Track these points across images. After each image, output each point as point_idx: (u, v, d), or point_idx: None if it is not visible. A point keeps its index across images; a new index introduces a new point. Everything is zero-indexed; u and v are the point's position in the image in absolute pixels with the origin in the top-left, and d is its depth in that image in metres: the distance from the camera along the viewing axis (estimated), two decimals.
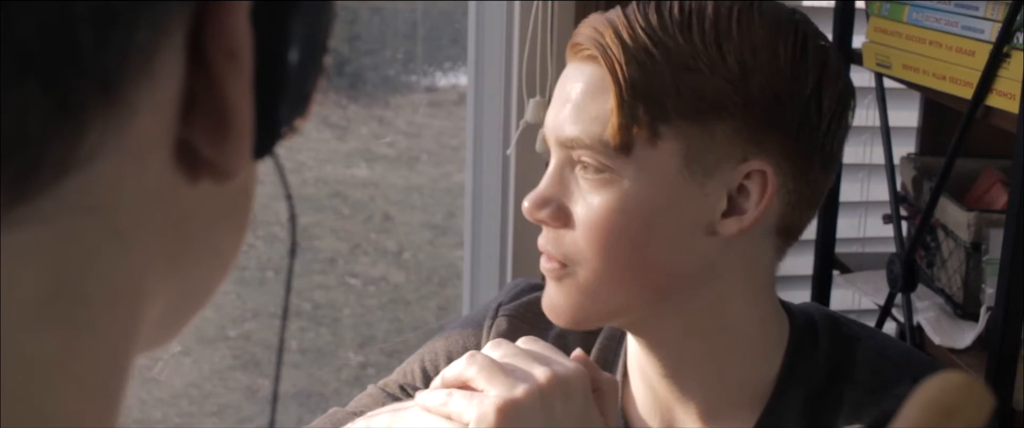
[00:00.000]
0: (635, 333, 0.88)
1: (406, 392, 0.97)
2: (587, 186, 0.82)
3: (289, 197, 0.38)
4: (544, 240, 0.85)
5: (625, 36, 0.80)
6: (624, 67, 0.79)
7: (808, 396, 0.86)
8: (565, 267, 0.84)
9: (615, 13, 0.83)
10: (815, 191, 0.84)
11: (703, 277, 0.83)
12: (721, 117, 0.79)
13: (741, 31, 0.80)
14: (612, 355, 0.95)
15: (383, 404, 0.93)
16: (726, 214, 0.81)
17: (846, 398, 0.85)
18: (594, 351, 0.95)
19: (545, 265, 0.86)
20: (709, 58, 0.79)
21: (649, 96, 0.79)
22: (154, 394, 2.81)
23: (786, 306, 0.91)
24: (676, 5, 0.81)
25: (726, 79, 0.79)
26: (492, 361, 0.75)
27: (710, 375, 0.87)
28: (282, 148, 0.35)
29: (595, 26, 0.83)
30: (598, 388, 0.79)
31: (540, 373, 0.74)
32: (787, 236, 0.86)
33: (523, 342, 0.80)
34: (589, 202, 0.82)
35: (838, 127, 0.84)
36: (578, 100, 0.82)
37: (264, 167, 0.36)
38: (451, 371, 0.76)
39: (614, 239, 0.81)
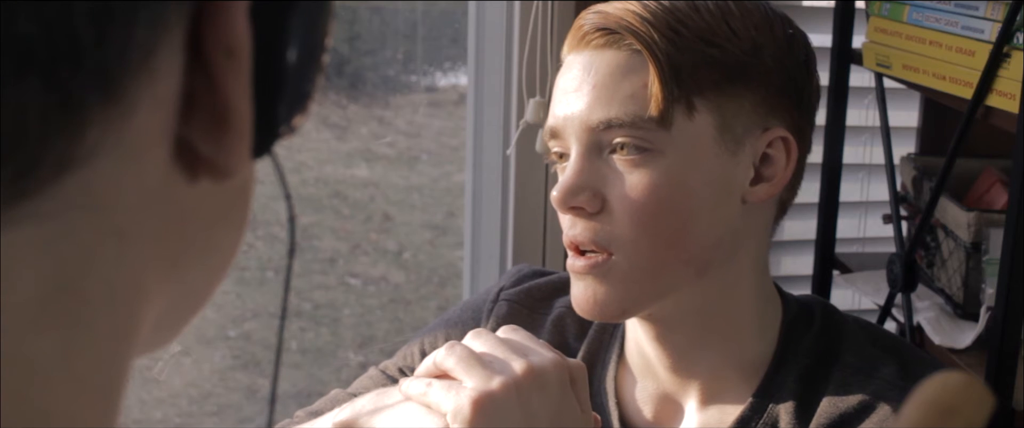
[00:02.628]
0: (651, 321, 0.89)
1: (404, 375, 0.98)
2: (626, 167, 0.83)
3: (288, 197, 0.38)
4: (578, 232, 0.85)
5: (647, 15, 0.84)
6: (659, 42, 0.82)
7: (799, 375, 0.88)
8: (611, 256, 0.84)
9: (618, 2, 0.86)
10: (804, 164, 0.90)
11: (733, 247, 0.87)
12: (747, 87, 0.84)
13: (741, 11, 0.85)
14: (608, 337, 0.96)
15: (382, 387, 0.94)
16: (753, 182, 0.86)
17: (834, 378, 0.87)
18: (590, 333, 0.96)
19: (583, 261, 0.85)
20: (724, 33, 0.83)
21: (683, 69, 0.82)
22: (154, 394, 2.81)
23: (780, 291, 0.94)
24: None
25: (743, 52, 0.83)
26: (471, 352, 0.76)
27: (715, 356, 0.89)
28: (282, 148, 0.35)
29: (607, 12, 0.85)
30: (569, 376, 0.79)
31: (517, 365, 0.74)
32: (782, 210, 0.91)
33: (503, 332, 0.80)
34: (630, 182, 0.83)
35: (818, 100, 0.91)
36: (606, 83, 0.84)
37: (264, 167, 0.36)
38: (431, 360, 0.77)
39: (659, 215, 0.83)
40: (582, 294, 0.86)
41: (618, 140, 0.83)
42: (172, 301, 0.35)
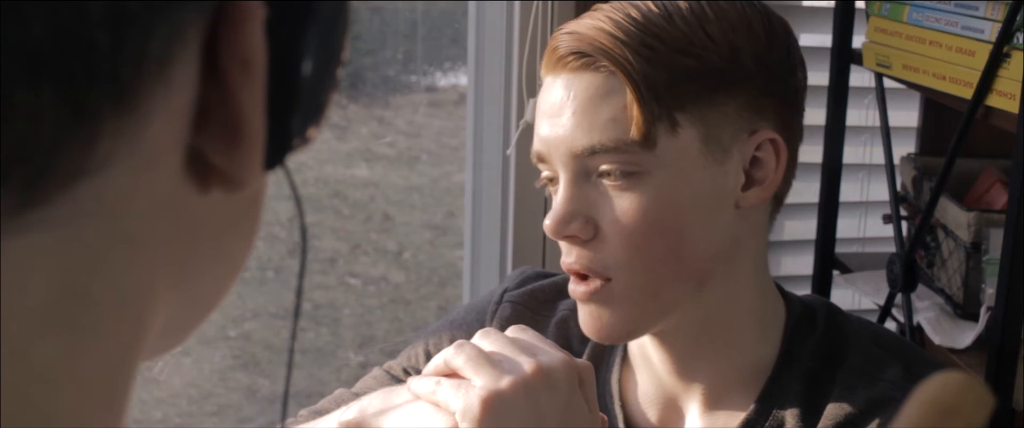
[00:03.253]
0: (655, 333, 0.89)
1: (409, 375, 0.98)
2: (615, 191, 0.82)
3: (297, 198, 0.38)
4: (574, 259, 0.85)
5: (620, 34, 0.81)
6: (633, 63, 0.81)
7: (804, 378, 0.88)
8: (608, 282, 0.84)
9: (590, 19, 0.84)
10: (797, 156, 0.89)
11: (732, 254, 0.86)
12: (729, 94, 0.82)
13: (716, 13, 0.83)
14: None
15: (386, 386, 0.94)
16: (744, 188, 0.85)
17: (838, 380, 0.87)
18: None
19: (584, 287, 0.85)
20: (700, 41, 0.81)
21: (661, 86, 0.81)
22: (154, 394, 2.81)
23: (783, 291, 0.93)
24: (648, 3, 0.83)
25: (722, 57, 0.82)
26: (480, 351, 0.76)
27: (719, 361, 0.89)
28: None
29: (581, 33, 0.83)
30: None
31: (526, 364, 0.74)
32: (777, 205, 0.90)
33: (512, 331, 0.80)
34: (620, 207, 0.82)
35: (805, 87, 0.89)
36: (585, 108, 0.82)
37: None
38: (440, 359, 0.77)
39: (652, 237, 0.82)
40: (588, 319, 0.86)
41: (604, 167, 0.82)
42: (180, 307, 0.35)
